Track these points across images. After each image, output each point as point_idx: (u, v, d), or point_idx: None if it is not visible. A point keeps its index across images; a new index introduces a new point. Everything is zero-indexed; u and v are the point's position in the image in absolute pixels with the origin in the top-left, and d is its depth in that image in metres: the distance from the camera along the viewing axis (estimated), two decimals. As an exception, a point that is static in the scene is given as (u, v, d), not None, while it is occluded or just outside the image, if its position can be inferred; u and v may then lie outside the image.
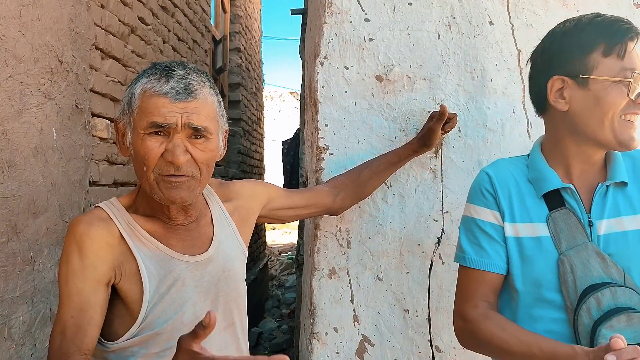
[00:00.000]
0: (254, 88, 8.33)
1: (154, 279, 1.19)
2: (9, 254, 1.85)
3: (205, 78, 1.21)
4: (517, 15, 1.75)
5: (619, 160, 1.24)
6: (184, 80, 1.15)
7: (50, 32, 2.13)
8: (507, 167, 1.31)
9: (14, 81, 1.87)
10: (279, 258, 10.60)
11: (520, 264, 1.23)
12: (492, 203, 1.27)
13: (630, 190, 1.22)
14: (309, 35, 2.22)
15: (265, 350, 5.59)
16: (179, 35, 4.43)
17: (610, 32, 1.16)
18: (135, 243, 1.19)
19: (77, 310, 1.13)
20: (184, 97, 1.14)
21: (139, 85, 1.17)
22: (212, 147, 1.20)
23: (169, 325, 1.19)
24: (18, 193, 1.90)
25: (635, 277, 1.15)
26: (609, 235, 1.19)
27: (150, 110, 1.14)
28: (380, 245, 1.73)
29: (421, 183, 1.74)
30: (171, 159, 1.14)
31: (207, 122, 1.17)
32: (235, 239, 1.36)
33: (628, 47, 1.15)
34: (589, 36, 1.18)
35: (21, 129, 1.92)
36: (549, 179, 1.23)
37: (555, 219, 1.20)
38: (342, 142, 1.74)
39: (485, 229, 1.26)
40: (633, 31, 1.16)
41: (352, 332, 1.73)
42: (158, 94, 1.14)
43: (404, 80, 1.74)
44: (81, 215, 1.21)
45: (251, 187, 1.47)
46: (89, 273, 1.14)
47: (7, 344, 1.85)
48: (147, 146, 1.15)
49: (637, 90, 1.14)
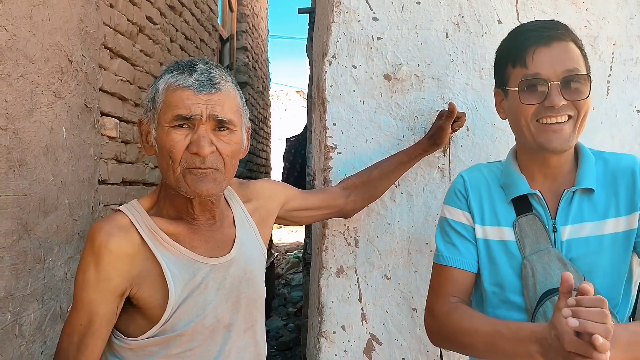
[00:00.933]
0: (260, 87, 8.34)
1: (179, 283, 1.18)
2: (19, 252, 1.87)
3: (227, 74, 1.22)
4: (526, 13, 1.74)
5: (589, 165, 1.25)
6: (207, 73, 1.16)
7: (60, 31, 2.15)
8: (483, 171, 1.36)
9: (25, 80, 1.89)
10: (285, 256, 10.61)
11: (488, 266, 1.27)
12: (464, 204, 1.32)
13: (597, 196, 1.23)
14: (317, 34, 2.22)
15: (272, 349, 5.60)
16: (186, 34, 4.45)
17: (516, 43, 1.22)
18: (158, 248, 1.19)
19: (87, 320, 1.16)
20: (208, 89, 1.15)
21: (162, 82, 1.18)
22: (237, 140, 1.21)
23: (191, 328, 1.19)
24: (29, 191, 1.91)
25: (597, 282, 1.16)
26: (572, 241, 1.21)
27: (175, 103, 1.15)
28: (388, 244, 1.74)
29: (429, 182, 1.74)
30: (196, 150, 1.14)
31: (230, 114, 1.18)
32: (255, 240, 1.36)
33: (532, 54, 1.18)
34: (504, 49, 1.26)
35: (32, 127, 1.93)
36: (518, 184, 1.27)
37: (521, 224, 1.24)
38: (350, 141, 1.75)
39: (457, 228, 1.31)
40: (538, 39, 1.18)
41: (360, 330, 1.73)
42: (182, 87, 1.15)
43: (412, 79, 1.74)
44: (102, 222, 1.19)
45: (270, 188, 1.47)
46: (103, 285, 1.15)
47: (18, 341, 1.87)
48: (172, 139, 1.15)
49: (544, 96, 1.16)
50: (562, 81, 1.15)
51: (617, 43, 1.74)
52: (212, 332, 1.23)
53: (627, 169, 1.23)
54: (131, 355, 1.20)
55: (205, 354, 1.22)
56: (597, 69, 1.75)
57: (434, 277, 1.34)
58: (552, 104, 1.15)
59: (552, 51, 1.17)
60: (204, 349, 1.22)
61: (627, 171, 1.22)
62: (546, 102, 1.16)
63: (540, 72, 1.17)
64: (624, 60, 1.74)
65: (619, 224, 1.20)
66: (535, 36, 1.18)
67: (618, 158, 1.27)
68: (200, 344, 1.21)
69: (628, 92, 1.74)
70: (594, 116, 1.74)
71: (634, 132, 1.74)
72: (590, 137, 1.73)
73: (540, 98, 1.17)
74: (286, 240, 13.14)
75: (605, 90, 1.74)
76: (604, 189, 1.23)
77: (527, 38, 1.19)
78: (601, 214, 1.21)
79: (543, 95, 1.16)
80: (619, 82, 1.75)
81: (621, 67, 1.75)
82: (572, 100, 1.16)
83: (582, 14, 1.75)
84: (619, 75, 1.75)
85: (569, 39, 1.19)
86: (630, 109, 1.74)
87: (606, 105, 1.74)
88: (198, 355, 1.21)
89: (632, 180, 1.21)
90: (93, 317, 1.15)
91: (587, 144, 1.71)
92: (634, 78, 1.74)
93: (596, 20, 1.75)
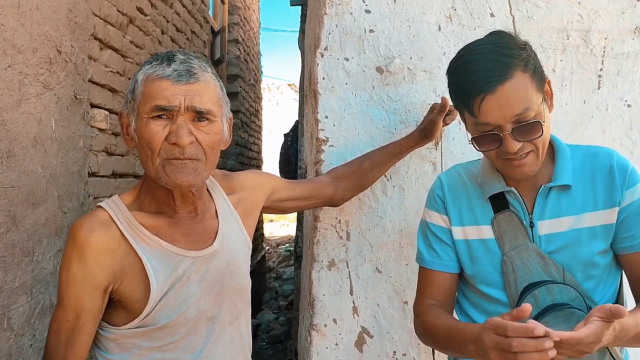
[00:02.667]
0: (252, 80, 8.30)
1: (160, 277, 1.18)
2: (8, 245, 1.85)
3: (207, 64, 1.21)
4: (518, 7, 1.74)
5: (565, 161, 1.26)
6: (186, 63, 1.15)
7: (49, 21, 2.11)
8: (460, 172, 1.37)
9: (13, 71, 1.86)
10: (276, 250, 10.62)
11: (470, 265, 1.30)
12: (441, 207, 1.35)
13: (574, 190, 1.24)
14: (309, 27, 2.21)
15: (263, 342, 5.61)
16: (177, 26, 4.41)
17: (462, 89, 1.18)
18: (138, 243, 1.18)
19: (74, 316, 1.16)
20: (187, 79, 1.13)
21: (142, 73, 1.17)
22: (217, 130, 1.19)
23: (172, 321, 1.19)
24: (17, 183, 1.89)
25: (577, 275, 1.20)
26: (550, 235, 1.23)
27: (154, 94, 1.13)
28: (380, 237, 1.74)
29: (421, 175, 1.74)
30: (175, 140, 1.13)
31: (210, 104, 1.16)
32: (239, 232, 1.35)
33: (479, 104, 1.14)
34: (453, 91, 1.22)
35: (20, 119, 1.91)
36: (494, 183, 1.28)
37: (499, 222, 1.26)
38: (342, 134, 1.74)
39: (435, 231, 1.35)
40: (482, 87, 1.12)
41: (352, 323, 1.74)
42: (160, 77, 1.13)
43: (405, 72, 1.74)
44: (83, 218, 1.19)
45: (255, 179, 1.46)
46: (88, 281, 1.15)
47: (7, 334, 1.85)
48: (151, 129, 1.14)
49: (500, 142, 1.16)
50: (513, 127, 1.14)
51: (609, 37, 1.75)
52: (195, 325, 1.22)
53: (604, 165, 1.24)
54: (114, 347, 1.20)
55: (189, 346, 1.22)
56: (588, 63, 1.75)
57: (418, 277, 1.39)
58: (507, 150, 1.15)
59: (498, 98, 1.12)
60: (187, 341, 1.22)
61: (604, 167, 1.24)
62: (502, 148, 1.16)
63: (490, 122, 1.14)
64: (616, 55, 1.75)
65: (596, 218, 1.22)
66: (480, 82, 1.13)
67: (595, 152, 1.27)
68: (183, 336, 1.21)
69: (619, 87, 1.75)
70: (585, 110, 1.75)
71: (625, 126, 1.75)
72: (581, 131, 1.74)
73: (496, 144, 1.16)
74: (277, 234, 13.15)
75: (596, 84, 1.75)
76: (581, 183, 1.24)
77: (472, 84, 1.14)
78: (579, 208, 1.23)
79: (498, 141, 1.16)
80: (610, 76, 1.75)
81: (612, 62, 1.75)
82: (527, 140, 1.16)
83: (574, 8, 1.75)
84: (611, 69, 1.75)
85: (517, 70, 1.13)
86: (621, 103, 1.75)
87: (597, 99, 1.75)
88: (181, 348, 1.21)
89: (610, 176, 1.22)
90: (80, 313, 1.16)
91: (578, 138, 1.72)
92: (625, 72, 1.75)
93: (588, 14, 1.75)
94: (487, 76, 1.12)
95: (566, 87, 1.75)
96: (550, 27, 1.75)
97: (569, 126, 1.74)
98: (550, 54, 1.74)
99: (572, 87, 1.75)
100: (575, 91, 1.75)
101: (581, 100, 1.75)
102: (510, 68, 1.12)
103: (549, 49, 1.74)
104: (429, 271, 1.35)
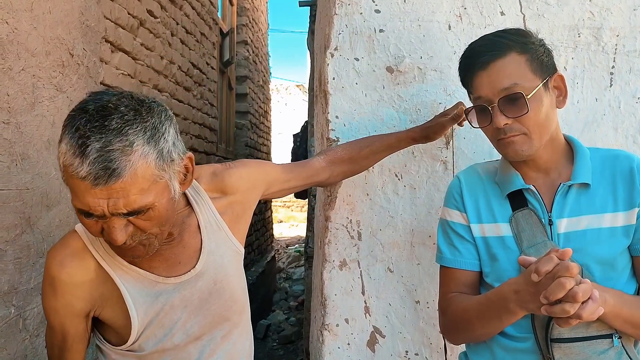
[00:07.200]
0: (260, 81, 8.33)
1: (141, 308, 1.15)
2: (23, 246, 1.87)
3: (134, 133, 0.97)
4: (529, 5, 1.73)
5: (584, 161, 1.27)
6: (102, 157, 0.94)
7: (61, 25, 2.14)
8: (478, 170, 1.39)
9: (27, 74, 1.88)
10: (286, 251, 10.64)
11: (489, 262, 1.30)
12: (460, 205, 1.35)
13: (593, 190, 1.24)
14: (319, 27, 2.22)
15: (274, 343, 5.62)
16: (187, 28, 4.44)
17: (463, 71, 1.30)
18: (116, 272, 1.15)
19: (61, 337, 1.19)
20: (105, 182, 0.94)
21: (61, 154, 0.99)
22: (159, 212, 1.03)
23: (160, 347, 1.19)
24: (31, 185, 1.91)
25: (595, 275, 1.19)
26: (569, 234, 1.23)
27: (75, 193, 0.98)
28: (391, 237, 1.74)
29: (432, 174, 1.74)
30: (109, 240, 1.03)
31: (140, 199, 0.99)
32: (227, 242, 1.28)
33: (473, 80, 1.25)
34: (460, 75, 1.33)
35: (34, 121, 1.93)
36: (512, 180, 1.29)
37: (517, 219, 1.27)
38: (352, 134, 1.74)
39: (456, 229, 1.34)
40: (477, 65, 1.23)
41: (363, 323, 1.74)
42: (76, 177, 0.95)
43: (415, 72, 1.73)
44: (56, 248, 1.14)
45: (250, 179, 1.36)
46: (67, 310, 1.16)
47: (22, 335, 1.87)
48: (85, 223, 1.03)
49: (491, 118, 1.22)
50: (500, 101, 1.20)
51: (621, 34, 1.74)
52: (184, 347, 1.22)
53: (625, 167, 1.25)
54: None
55: None
56: (600, 60, 1.74)
57: (440, 277, 1.38)
58: (496, 125, 1.21)
59: (490, 73, 1.21)
60: (180, 358, 1.22)
61: (625, 169, 1.24)
62: (493, 124, 1.22)
63: (481, 95, 1.24)
64: (628, 52, 1.74)
65: (617, 219, 1.22)
66: (475, 62, 1.23)
67: (615, 155, 1.28)
68: (173, 358, 1.21)
69: (631, 84, 1.74)
70: (597, 108, 1.74)
71: (638, 123, 1.74)
72: (593, 129, 1.73)
73: (487, 119, 1.24)
74: (287, 234, 13.16)
75: (608, 82, 1.74)
76: (601, 184, 1.25)
77: (470, 65, 1.25)
78: (598, 208, 1.23)
79: (489, 117, 1.23)
80: (622, 74, 1.74)
81: (625, 59, 1.74)
82: (514, 117, 1.20)
83: (585, 5, 1.74)
84: (623, 67, 1.74)
85: (512, 51, 1.20)
86: (634, 101, 1.73)
87: (609, 97, 1.74)
88: None
89: (631, 178, 1.23)
90: (65, 335, 1.19)
91: (591, 136, 1.71)
92: (638, 69, 1.74)
93: (599, 11, 1.74)
94: (481, 52, 1.23)
95: (578, 84, 1.74)
96: (561, 25, 1.74)
97: (581, 124, 1.73)
98: (561, 51, 1.73)
99: (584, 85, 1.74)
100: (587, 89, 1.74)
101: (593, 98, 1.74)
102: (505, 48, 1.21)
103: (560, 47, 1.73)
104: (452, 270, 1.33)
